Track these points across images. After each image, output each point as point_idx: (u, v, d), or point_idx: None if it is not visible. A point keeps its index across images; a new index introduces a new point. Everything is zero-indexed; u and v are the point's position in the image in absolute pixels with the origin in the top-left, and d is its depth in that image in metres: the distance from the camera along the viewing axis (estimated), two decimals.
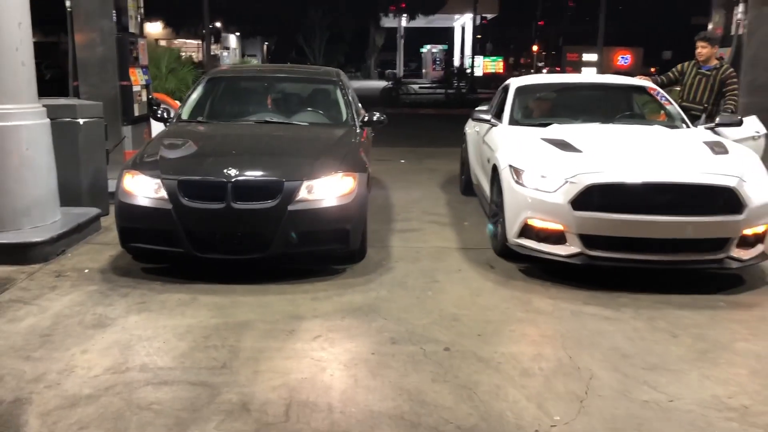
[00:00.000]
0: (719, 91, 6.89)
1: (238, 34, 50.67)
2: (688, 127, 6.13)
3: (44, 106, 5.67)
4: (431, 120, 19.82)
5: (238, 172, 4.72)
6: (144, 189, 4.83)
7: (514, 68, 48.73)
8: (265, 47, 57.53)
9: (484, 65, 44.75)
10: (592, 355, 3.71)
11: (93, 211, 6.16)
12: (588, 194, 4.69)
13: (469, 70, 31.63)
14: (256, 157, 5.10)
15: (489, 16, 45.28)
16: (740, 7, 7.88)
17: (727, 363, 3.66)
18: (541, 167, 4.99)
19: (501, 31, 50.46)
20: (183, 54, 11.11)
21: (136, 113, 8.16)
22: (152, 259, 5.15)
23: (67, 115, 6.25)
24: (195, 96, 6.34)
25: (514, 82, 6.86)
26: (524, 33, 49.47)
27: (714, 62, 6.92)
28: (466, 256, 5.54)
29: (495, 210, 5.68)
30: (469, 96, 26.16)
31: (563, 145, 5.21)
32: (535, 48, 47.23)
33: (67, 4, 7.67)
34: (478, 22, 38.47)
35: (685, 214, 4.63)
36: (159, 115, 6.26)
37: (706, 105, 6.93)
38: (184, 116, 6.15)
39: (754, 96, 7.74)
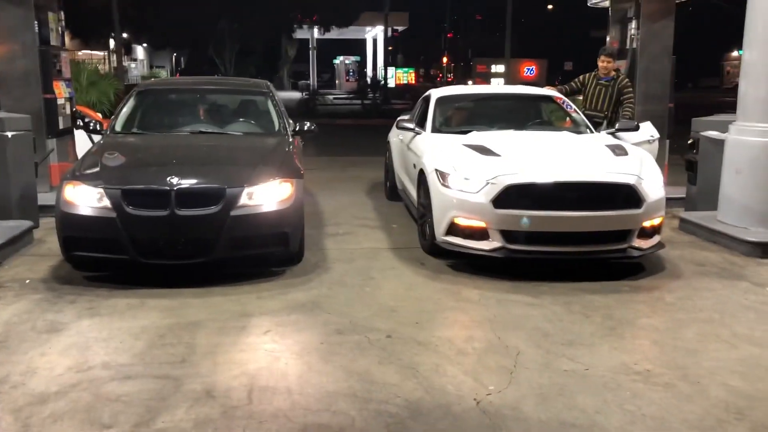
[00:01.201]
0: (617, 99, 7.60)
1: (145, 45, 49.56)
2: (591, 132, 6.76)
3: None
4: (349, 130, 20.21)
5: (180, 180, 4.93)
6: (86, 199, 4.95)
7: (426, 79, 49.95)
8: (173, 58, 56.46)
9: (396, 76, 45.73)
10: (517, 335, 4.15)
11: (26, 223, 6.18)
12: (507, 193, 5.17)
13: (382, 82, 32.27)
14: (197, 166, 5.31)
15: (400, 28, 46.30)
16: (633, 23, 8.67)
17: (631, 336, 4.20)
18: (465, 170, 5.45)
19: (412, 43, 51.61)
20: (100, 66, 11.03)
21: (61, 126, 8.13)
22: (94, 268, 5.26)
23: None
24: (127, 108, 6.46)
25: (435, 93, 7.33)
26: (434, 45, 50.79)
27: (612, 73, 7.63)
28: (397, 255, 5.93)
29: (422, 211, 6.10)
30: (384, 106, 26.81)
31: (483, 150, 5.68)
32: (444, 59, 48.62)
33: None
34: (389, 34, 39.31)
35: (592, 209, 5.19)
36: (92, 127, 6.34)
37: (606, 112, 7.63)
38: (118, 128, 6.26)
39: (648, 104, 8.52)
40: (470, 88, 8.28)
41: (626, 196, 5.25)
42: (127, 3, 25.83)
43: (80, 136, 8.70)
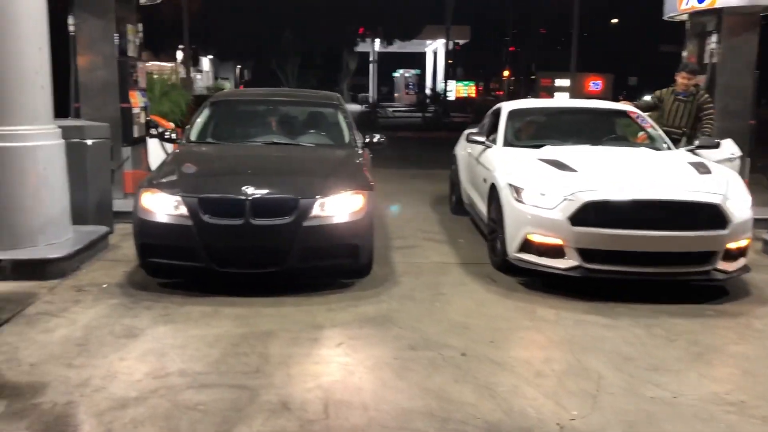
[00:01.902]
0: (696, 116, 7.34)
1: (211, 57, 50.83)
2: (670, 149, 6.53)
3: None
4: (410, 143, 20.15)
5: (255, 190, 4.96)
6: (164, 206, 5.03)
7: (486, 92, 49.64)
8: (237, 70, 57.73)
9: (456, 90, 45.63)
10: (597, 358, 4.00)
11: (102, 229, 6.32)
12: (585, 211, 5.02)
13: (444, 95, 32.24)
14: (271, 176, 5.34)
15: (461, 41, 46.21)
16: (713, 38, 8.37)
17: (720, 364, 4.00)
18: (540, 185, 5.32)
19: (472, 57, 51.42)
20: (172, 78, 11.34)
21: (136, 134, 8.34)
22: (168, 275, 5.33)
23: (75, 136, 6.42)
24: (202, 118, 6.57)
25: (506, 106, 7.22)
26: (495, 58, 50.46)
27: (691, 89, 7.38)
28: (467, 271, 5.83)
29: (493, 227, 5.99)
30: (444, 119, 26.72)
31: (559, 165, 5.55)
32: (506, 73, 48.21)
33: (71, 28, 7.86)
34: (451, 47, 39.28)
35: (675, 229, 4.99)
36: (167, 136, 6.48)
37: (684, 129, 7.37)
38: (193, 137, 6.37)
39: (727, 121, 8.19)
40: (542, 102, 8.14)
41: (711, 216, 5.03)
42: (195, 15, 26.55)
43: (152, 144, 8.93)
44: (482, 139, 6.84)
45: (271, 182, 5.18)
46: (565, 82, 24.18)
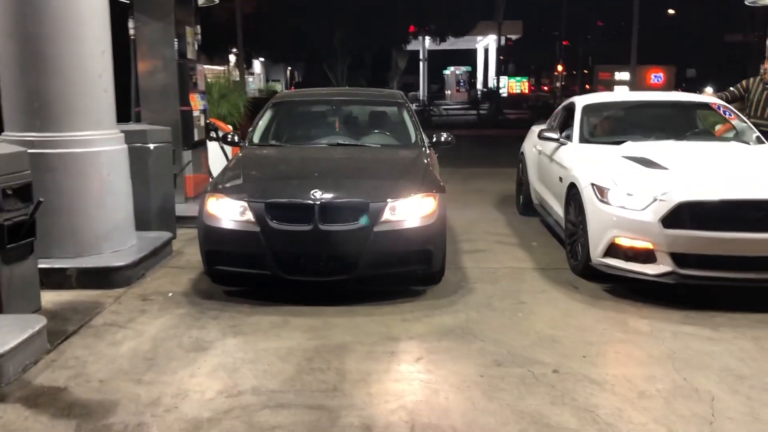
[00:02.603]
0: None
1: (262, 59, 51.27)
2: (762, 142, 6.06)
3: None
4: (466, 141, 19.68)
5: (324, 194, 4.73)
6: (229, 212, 4.84)
7: (538, 88, 48.80)
8: (288, 72, 58.11)
9: (509, 86, 44.91)
10: (706, 376, 3.62)
11: (166, 235, 6.20)
12: (678, 212, 4.63)
13: (499, 91, 31.71)
14: (339, 179, 5.10)
15: (514, 37, 45.44)
16: None
17: None
18: (627, 185, 4.95)
19: (525, 52, 50.57)
20: (229, 80, 11.27)
21: (196, 138, 8.24)
22: (233, 282, 5.15)
23: (138, 141, 6.31)
24: (264, 120, 6.39)
25: (580, 101, 6.83)
26: (548, 53, 49.52)
27: None
28: (545, 277, 5.48)
29: (572, 229, 5.63)
30: (498, 117, 26.22)
31: (647, 163, 5.16)
32: (559, 68, 47.26)
33: (131, 32, 7.80)
34: (503, 42, 38.63)
35: None
36: (230, 139, 6.32)
37: None
38: (256, 140, 6.19)
39: None
40: (618, 95, 7.73)
41: None
42: (248, 17, 26.66)
43: (212, 147, 8.83)
44: (555, 135, 6.48)
45: (340, 186, 4.95)
46: (624, 76, 23.40)
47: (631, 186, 4.92)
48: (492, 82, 39.39)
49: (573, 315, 4.61)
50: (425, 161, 5.73)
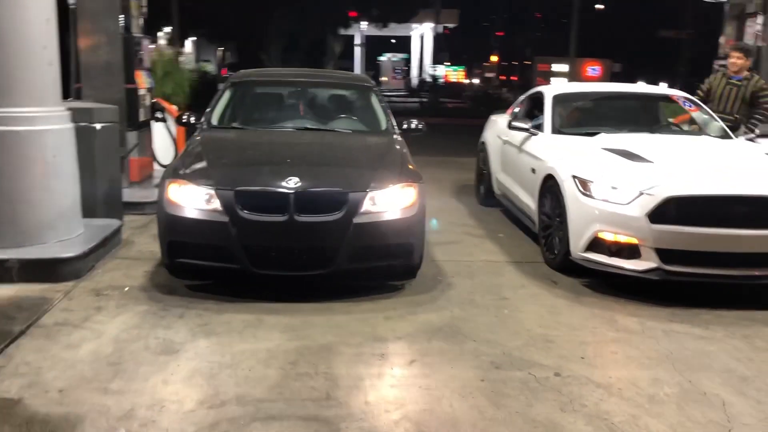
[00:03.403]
0: (750, 102, 6.86)
1: (194, 38, 49.66)
2: (729, 136, 6.06)
3: None
4: None
5: (299, 183, 4.39)
6: (194, 200, 4.44)
7: (475, 76, 49.10)
8: (220, 53, 56.52)
9: (446, 75, 44.97)
10: (710, 378, 3.51)
11: (115, 223, 5.71)
12: (665, 207, 4.53)
13: (438, 80, 31.70)
14: (314, 167, 4.77)
15: (450, 25, 45.52)
16: (759, 19, 7.91)
17: None
18: (611, 178, 4.82)
19: (461, 41, 50.83)
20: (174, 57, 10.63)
21: (141, 118, 7.69)
22: (194, 276, 4.75)
23: (83, 120, 5.76)
24: (223, 101, 5.95)
25: (549, 90, 6.68)
26: (482, 43, 49.95)
27: (745, 73, 6.89)
28: (521, 271, 5.32)
29: (547, 222, 5.48)
30: (437, 105, 26.14)
31: (629, 155, 5.05)
32: (494, 58, 47.68)
33: (71, 1, 7.17)
34: (441, 30, 38.60)
35: (764, 227, 4.51)
36: (184, 121, 5.85)
37: (736, 116, 6.89)
38: (215, 122, 5.75)
39: None
40: (588, 86, 7.65)
41: None
42: None
43: (158, 129, 8.29)
44: (526, 125, 6.30)
45: (316, 173, 4.61)
46: (563, 68, 23.68)
47: (615, 179, 4.80)
48: (429, 71, 39.34)
49: (559, 312, 4.44)
50: (402, 149, 5.46)
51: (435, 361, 3.65)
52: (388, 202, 4.55)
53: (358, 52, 52.05)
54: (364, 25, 44.76)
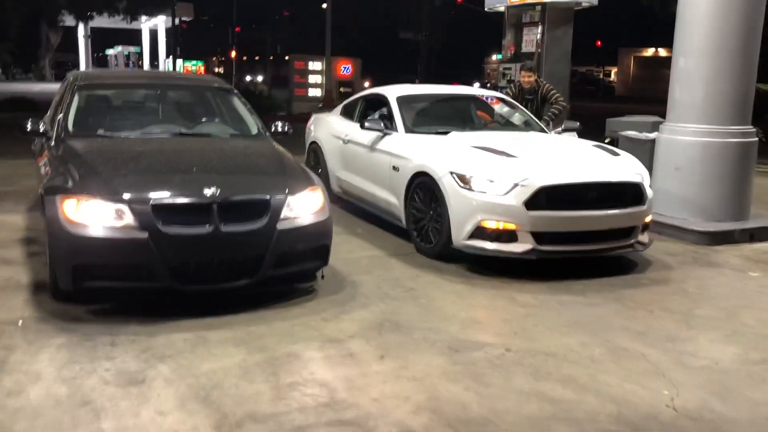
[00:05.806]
0: (542, 104, 8.03)
1: None
2: (543, 131, 7.05)
3: None
4: None
5: (219, 191, 4.25)
6: (101, 217, 4.08)
7: (211, 72, 48.35)
8: None
9: (184, 69, 43.48)
10: (619, 336, 4.21)
11: None
12: (538, 195, 5.22)
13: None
14: (227, 175, 4.62)
15: (186, 19, 44.08)
16: (538, 29, 9.20)
17: (711, 328, 4.43)
18: (487, 172, 5.39)
19: (199, 35, 49.55)
20: None
21: None
22: (89, 300, 4.33)
23: None
24: (74, 106, 5.37)
25: (392, 92, 7.10)
26: (220, 39, 49.29)
27: (533, 85, 8.02)
28: (405, 263, 5.67)
29: (418, 216, 5.92)
30: None
31: (495, 152, 5.67)
32: (233, 54, 47.33)
33: None
34: (177, 23, 37.24)
35: (611, 207, 5.45)
36: (30, 129, 5.20)
37: (545, 118, 7.98)
38: (71, 128, 5.19)
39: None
40: (426, 88, 8.14)
41: (635, 194, 5.58)
42: None
43: None
44: (380, 126, 6.67)
45: (232, 182, 4.50)
46: (317, 66, 24.51)
47: (491, 173, 5.38)
48: (165, 64, 37.75)
49: (467, 296, 4.91)
50: (285, 152, 5.46)
51: (401, 353, 3.87)
52: (302, 206, 4.61)
53: (82, 44, 48.10)
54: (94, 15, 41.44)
